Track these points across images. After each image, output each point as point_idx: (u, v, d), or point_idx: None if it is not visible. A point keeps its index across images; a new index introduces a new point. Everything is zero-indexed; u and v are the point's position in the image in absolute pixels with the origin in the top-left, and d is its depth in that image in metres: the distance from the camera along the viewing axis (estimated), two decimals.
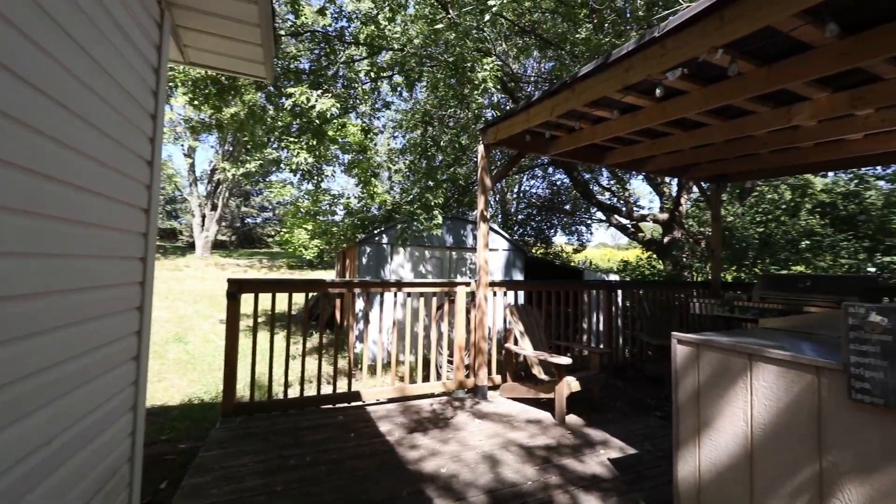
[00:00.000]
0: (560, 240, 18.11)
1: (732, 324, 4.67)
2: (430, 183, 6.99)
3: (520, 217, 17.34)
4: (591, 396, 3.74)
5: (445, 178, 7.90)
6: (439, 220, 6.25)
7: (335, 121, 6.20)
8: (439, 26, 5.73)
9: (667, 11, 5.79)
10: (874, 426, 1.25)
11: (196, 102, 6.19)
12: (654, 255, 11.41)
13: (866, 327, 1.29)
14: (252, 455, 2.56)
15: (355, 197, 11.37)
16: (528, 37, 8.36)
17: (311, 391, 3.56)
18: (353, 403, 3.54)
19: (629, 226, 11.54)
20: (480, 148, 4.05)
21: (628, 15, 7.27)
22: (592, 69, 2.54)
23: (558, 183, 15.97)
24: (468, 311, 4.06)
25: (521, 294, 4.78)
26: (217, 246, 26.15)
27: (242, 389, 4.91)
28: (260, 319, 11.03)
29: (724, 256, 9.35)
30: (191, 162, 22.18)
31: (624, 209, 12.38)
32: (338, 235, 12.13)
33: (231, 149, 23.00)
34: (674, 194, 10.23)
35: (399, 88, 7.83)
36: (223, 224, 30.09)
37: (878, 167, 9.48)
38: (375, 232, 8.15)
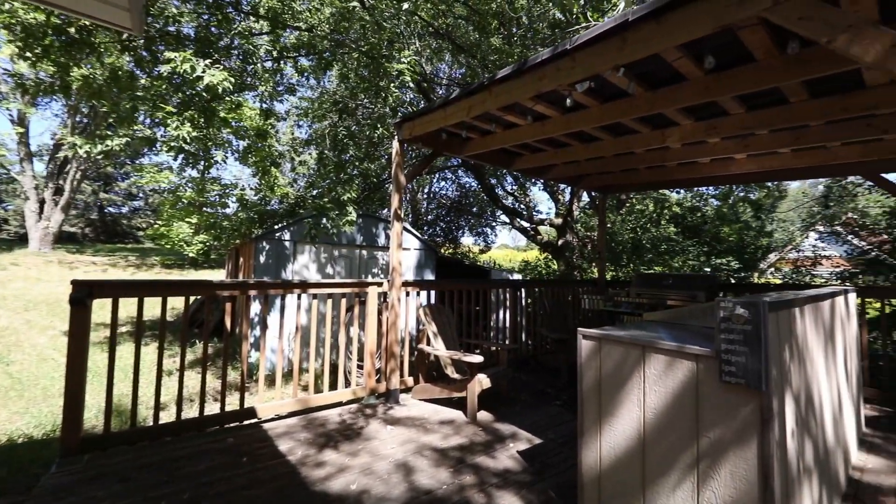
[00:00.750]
0: (467, 240, 18.94)
1: (615, 317, 5.31)
2: (342, 176, 6.57)
3: (429, 217, 17.61)
4: (499, 391, 3.89)
5: (356, 172, 7.53)
6: (353, 216, 5.84)
7: (228, 99, 5.42)
8: (353, 4, 5.40)
9: (568, 30, 6.37)
10: (740, 404, 1.47)
11: (30, 55, 4.83)
12: (550, 256, 12.55)
13: (733, 319, 1.51)
14: (106, 502, 2.04)
15: (251, 188, 10.21)
16: (443, 40, 8.47)
17: (192, 412, 3.03)
18: (247, 422, 3.10)
19: (529, 228, 12.50)
20: (395, 144, 3.91)
21: (531, 34, 7.84)
22: (509, 73, 2.61)
23: (467, 186, 16.64)
24: (380, 313, 3.88)
25: (433, 293, 4.77)
26: (64, 239, 21.21)
27: (95, 418, 3.97)
28: (124, 329, 9.12)
29: (606, 257, 10.73)
30: (21, 132, 17.45)
31: (525, 213, 13.39)
32: (229, 231, 10.74)
33: (87, 121, 18.86)
34: (567, 201, 11.40)
35: (306, 73, 7.23)
36: (73, 213, 24.61)
37: (712, 187, 11.97)
38: (276, 228, 7.38)
